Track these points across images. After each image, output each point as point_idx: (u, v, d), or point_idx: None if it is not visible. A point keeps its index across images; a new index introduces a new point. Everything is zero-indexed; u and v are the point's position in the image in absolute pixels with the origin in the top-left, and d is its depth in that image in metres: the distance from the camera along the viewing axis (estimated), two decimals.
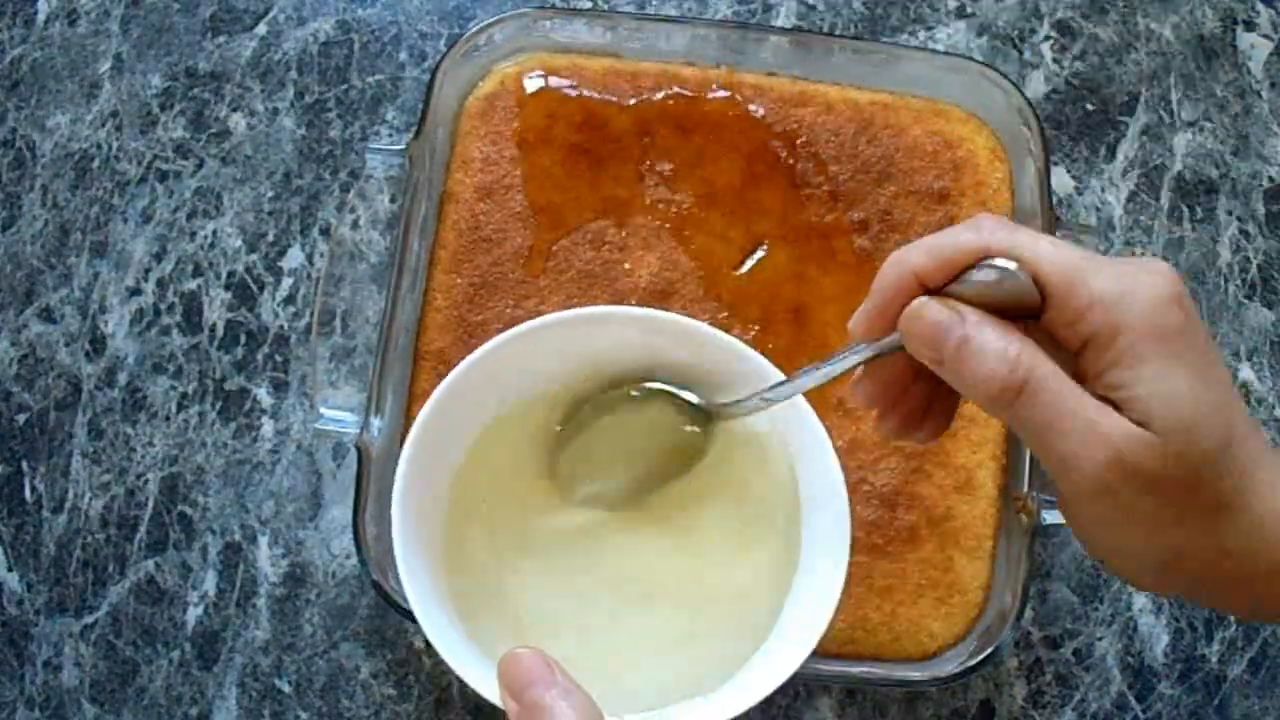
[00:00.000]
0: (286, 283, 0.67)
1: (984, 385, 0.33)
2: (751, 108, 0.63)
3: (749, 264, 0.61)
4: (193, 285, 0.67)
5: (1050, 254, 0.34)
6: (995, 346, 0.33)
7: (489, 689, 0.41)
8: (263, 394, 0.66)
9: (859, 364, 0.39)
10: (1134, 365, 0.32)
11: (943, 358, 0.35)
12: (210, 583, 0.63)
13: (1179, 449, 0.32)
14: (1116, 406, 0.33)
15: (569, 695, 0.38)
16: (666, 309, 0.60)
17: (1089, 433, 0.32)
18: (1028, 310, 0.35)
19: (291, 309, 0.67)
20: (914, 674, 0.57)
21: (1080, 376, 0.34)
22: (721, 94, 0.63)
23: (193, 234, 0.68)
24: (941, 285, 0.36)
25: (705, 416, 0.47)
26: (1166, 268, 0.34)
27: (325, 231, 0.68)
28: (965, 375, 0.34)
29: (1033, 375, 0.33)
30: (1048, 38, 0.72)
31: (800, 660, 0.43)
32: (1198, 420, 0.32)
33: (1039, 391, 0.33)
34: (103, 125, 0.70)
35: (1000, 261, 0.35)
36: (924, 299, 0.36)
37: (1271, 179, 0.70)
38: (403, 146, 0.61)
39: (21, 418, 0.66)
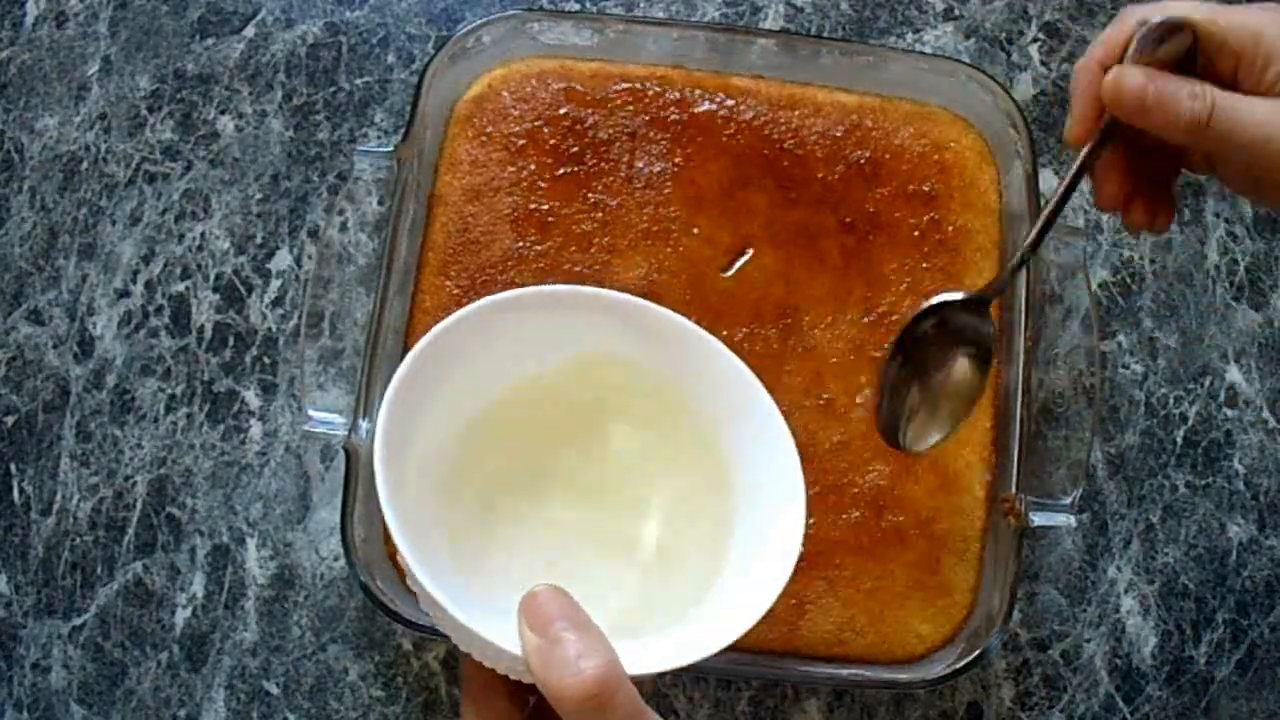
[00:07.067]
0: (275, 285, 0.67)
1: (1183, 118, 0.43)
2: (739, 110, 0.63)
3: (736, 266, 0.61)
4: (181, 287, 0.67)
5: (1187, 6, 0.46)
6: (1182, 86, 0.44)
7: (468, 621, 0.42)
8: (251, 396, 0.66)
9: (1084, 167, 0.47)
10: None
11: (1146, 106, 0.44)
12: (198, 585, 0.63)
13: None
14: None
15: (590, 630, 0.40)
16: None
17: (1274, 116, 0.42)
18: (1187, 55, 0.45)
19: (280, 311, 0.67)
20: (902, 676, 0.57)
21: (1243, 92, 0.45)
22: (709, 96, 0.64)
23: (181, 236, 0.68)
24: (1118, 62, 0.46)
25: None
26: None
27: (313, 234, 0.68)
28: (1166, 114, 0.44)
29: (1215, 98, 0.43)
30: (1035, 40, 0.72)
31: (728, 640, 0.43)
32: None
33: (1223, 109, 0.43)
34: (91, 127, 0.70)
35: (1154, 18, 0.45)
36: (1116, 71, 0.45)
37: None
38: (391, 149, 0.61)
39: (9, 419, 0.66)
